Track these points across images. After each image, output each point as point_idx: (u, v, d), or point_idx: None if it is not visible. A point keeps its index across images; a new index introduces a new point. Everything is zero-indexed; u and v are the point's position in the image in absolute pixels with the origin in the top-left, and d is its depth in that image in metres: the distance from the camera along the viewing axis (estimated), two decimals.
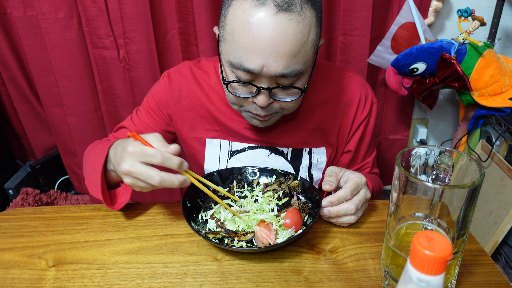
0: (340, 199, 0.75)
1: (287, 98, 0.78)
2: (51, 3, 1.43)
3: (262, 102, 0.76)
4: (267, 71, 0.71)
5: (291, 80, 0.75)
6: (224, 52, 0.75)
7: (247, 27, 0.68)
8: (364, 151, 1.02)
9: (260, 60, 0.70)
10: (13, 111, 1.74)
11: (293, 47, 0.69)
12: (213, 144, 0.96)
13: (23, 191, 1.64)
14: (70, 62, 1.54)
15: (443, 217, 0.58)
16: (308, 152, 0.96)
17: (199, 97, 0.94)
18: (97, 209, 0.85)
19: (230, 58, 0.74)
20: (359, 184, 0.78)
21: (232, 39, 0.71)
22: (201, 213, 0.81)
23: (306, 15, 0.69)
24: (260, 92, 0.75)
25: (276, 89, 0.76)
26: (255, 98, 0.77)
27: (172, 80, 0.95)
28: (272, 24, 0.67)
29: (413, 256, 0.40)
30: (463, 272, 0.67)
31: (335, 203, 0.75)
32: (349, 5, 1.49)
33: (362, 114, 0.96)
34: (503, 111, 1.37)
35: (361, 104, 0.95)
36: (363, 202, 0.77)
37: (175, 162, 0.67)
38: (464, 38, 1.36)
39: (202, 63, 0.98)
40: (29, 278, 0.68)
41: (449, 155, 0.61)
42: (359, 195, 0.77)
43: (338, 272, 0.68)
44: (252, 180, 0.87)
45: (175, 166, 0.67)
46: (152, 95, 0.97)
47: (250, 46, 0.69)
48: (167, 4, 1.48)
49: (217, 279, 0.67)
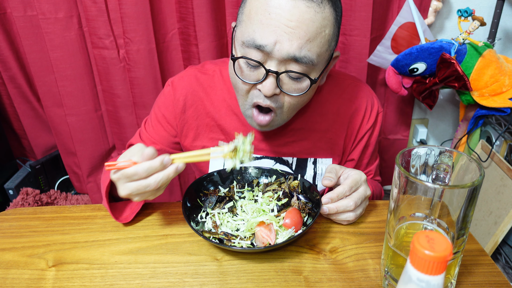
0: (340, 195, 0.75)
1: (294, 92, 0.76)
2: (51, 3, 1.43)
3: (268, 88, 0.74)
4: (279, 49, 0.70)
5: (302, 68, 0.73)
6: (239, 35, 0.75)
7: (265, 7, 0.69)
8: (367, 159, 1.01)
9: (273, 36, 0.69)
10: (13, 111, 1.74)
11: (309, 31, 0.69)
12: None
13: (23, 191, 1.64)
14: (70, 62, 1.54)
15: (443, 217, 0.58)
16: (313, 162, 0.96)
17: (204, 105, 0.93)
18: (97, 209, 0.85)
19: (243, 38, 0.73)
20: (358, 181, 0.77)
21: (248, 19, 0.72)
22: (201, 213, 0.81)
23: (325, 9, 0.70)
24: (268, 76, 0.73)
25: (285, 76, 0.74)
26: (261, 85, 0.75)
27: (177, 89, 0.94)
28: (289, 6, 0.68)
29: (413, 256, 0.40)
30: (463, 272, 0.67)
31: (334, 200, 0.75)
32: (349, 5, 1.49)
33: (367, 124, 0.96)
34: (503, 111, 1.37)
35: (367, 114, 0.95)
36: (363, 199, 0.77)
37: (156, 165, 0.68)
38: (464, 38, 1.36)
39: (207, 67, 0.96)
40: (29, 278, 0.68)
41: (449, 155, 0.61)
42: (358, 191, 0.77)
43: (338, 272, 0.68)
44: (252, 180, 0.87)
45: (159, 167, 0.68)
46: (158, 106, 0.96)
47: (265, 22, 0.69)
48: (167, 4, 1.48)
49: (217, 279, 0.67)
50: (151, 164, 0.67)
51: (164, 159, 0.68)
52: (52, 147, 1.83)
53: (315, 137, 0.94)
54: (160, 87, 1.56)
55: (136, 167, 0.67)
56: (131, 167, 0.68)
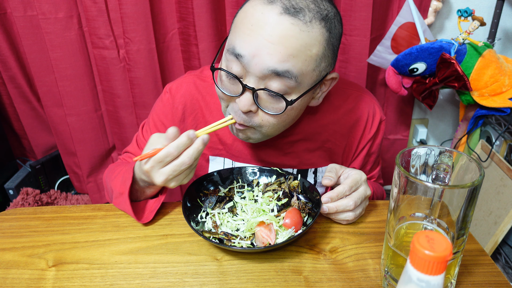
0: (339, 195, 0.75)
1: (271, 110, 0.73)
2: (51, 3, 1.43)
3: (243, 104, 0.72)
4: (257, 64, 0.68)
5: (283, 85, 0.70)
6: (226, 44, 0.75)
7: (249, 18, 0.69)
8: (369, 166, 1.01)
9: (252, 48, 0.68)
10: (13, 111, 1.74)
11: (291, 47, 0.67)
12: (216, 161, 0.95)
13: (23, 191, 1.64)
14: (70, 62, 1.54)
15: (443, 217, 0.58)
16: (313, 172, 0.95)
17: (203, 114, 0.92)
18: (97, 209, 0.85)
19: (228, 46, 0.73)
20: (359, 181, 0.77)
21: (234, 29, 0.72)
22: (201, 213, 0.81)
23: (313, 29, 0.68)
24: (245, 92, 0.71)
25: (263, 94, 0.72)
26: (238, 99, 0.73)
27: (175, 97, 0.92)
28: (274, 21, 0.67)
29: (413, 256, 0.40)
30: (463, 272, 0.67)
31: (334, 199, 0.75)
32: (349, 5, 1.49)
33: (369, 134, 0.94)
34: (503, 111, 1.37)
35: (368, 124, 0.93)
36: (362, 198, 0.77)
37: (184, 141, 0.68)
38: (464, 38, 1.36)
39: (206, 73, 0.94)
40: (29, 278, 0.68)
41: (449, 155, 0.61)
42: (359, 191, 0.77)
43: (338, 272, 0.68)
44: (252, 180, 0.87)
45: (187, 142, 0.68)
46: (156, 113, 0.95)
47: (247, 33, 0.69)
48: (167, 4, 1.48)
49: (217, 279, 0.67)
50: (179, 141, 0.68)
51: (189, 133, 0.68)
52: (52, 147, 1.83)
53: (314, 147, 0.93)
54: (160, 87, 1.56)
55: (166, 149, 0.68)
56: (161, 150, 0.68)
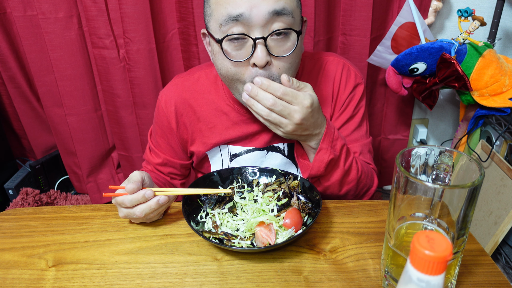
0: (270, 87, 0.73)
1: (284, 53, 0.77)
2: (51, 3, 1.43)
3: (261, 57, 0.74)
4: (257, 13, 0.71)
5: (285, 21, 0.74)
6: (213, 28, 0.77)
7: None
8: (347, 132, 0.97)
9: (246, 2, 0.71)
10: (13, 111, 1.74)
11: None
12: (213, 152, 0.99)
13: (23, 191, 1.64)
14: (70, 62, 1.53)
15: (443, 217, 0.58)
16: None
17: (194, 111, 0.95)
18: (97, 209, 0.85)
19: (219, 21, 0.74)
20: (300, 96, 0.75)
21: (216, 6, 0.74)
22: (201, 213, 0.81)
23: None
24: (257, 46, 0.74)
25: (272, 40, 0.75)
26: (252, 57, 0.75)
27: (166, 103, 0.95)
28: None
29: (413, 256, 0.40)
30: (463, 272, 0.67)
31: (264, 86, 0.73)
32: (349, 5, 1.49)
33: (344, 92, 0.94)
34: (503, 111, 1.37)
35: (343, 81, 0.94)
36: (288, 108, 0.74)
37: (138, 199, 0.74)
38: (464, 38, 1.36)
39: (191, 70, 0.99)
40: (29, 278, 0.68)
41: (449, 155, 0.61)
42: (288, 98, 0.74)
43: (338, 272, 0.68)
44: (252, 180, 0.87)
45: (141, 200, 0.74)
46: (156, 123, 1.00)
47: None
48: (167, 4, 1.48)
49: (217, 279, 0.67)
50: (133, 197, 0.74)
51: (146, 192, 0.74)
52: (52, 147, 1.83)
53: None
54: (160, 87, 1.56)
55: (122, 198, 0.75)
56: (119, 196, 0.76)
